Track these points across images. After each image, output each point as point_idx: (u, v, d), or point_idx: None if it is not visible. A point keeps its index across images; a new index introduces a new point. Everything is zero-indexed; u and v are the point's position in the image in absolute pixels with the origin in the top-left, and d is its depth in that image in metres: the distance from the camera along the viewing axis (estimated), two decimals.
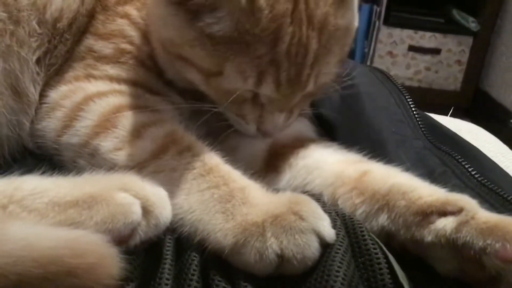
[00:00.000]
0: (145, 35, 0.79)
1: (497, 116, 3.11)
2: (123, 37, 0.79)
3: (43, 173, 0.60)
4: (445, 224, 0.59)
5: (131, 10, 0.81)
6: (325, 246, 0.56)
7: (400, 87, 0.98)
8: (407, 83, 3.41)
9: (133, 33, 0.79)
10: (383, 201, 0.64)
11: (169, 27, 0.70)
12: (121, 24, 0.79)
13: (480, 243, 0.55)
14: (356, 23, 0.76)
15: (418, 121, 0.91)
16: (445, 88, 3.43)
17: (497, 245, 0.54)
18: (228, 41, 0.65)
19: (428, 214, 0.60)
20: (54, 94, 0.76)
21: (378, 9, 3.18)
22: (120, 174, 0.61)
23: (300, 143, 0.79)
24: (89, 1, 0.81)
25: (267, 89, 0.69)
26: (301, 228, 0.55)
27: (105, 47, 0.78)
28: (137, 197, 0.56)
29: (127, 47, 0.78)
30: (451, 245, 0.57)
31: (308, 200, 0.59)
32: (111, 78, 0.76)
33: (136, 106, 0.71)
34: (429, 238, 0.59)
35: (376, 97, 0.95)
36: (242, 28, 0.64)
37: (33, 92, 0.76)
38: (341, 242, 0.57)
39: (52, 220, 0.53)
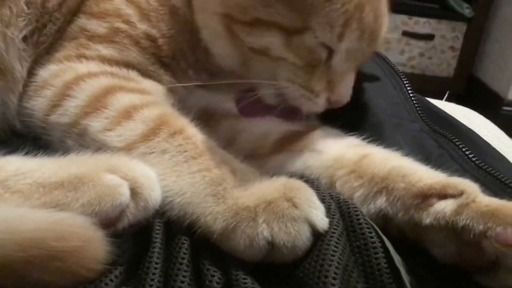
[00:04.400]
0: (143, 13, 0.77)
1: (490, 103, 3.11)
2: (118, 16, 0.77)
3: (27, 153, 0.58)
4: (445, 206, 0.57)
5: None
6: (317, 235, 0.54)
7: (397, 70, 0.97)
8: (401, 69, 3.37)
9: (129, 11, 0.77)
10: (382, 184, 0.63)
11: None
12: (117, 3, 0.77)
13: (481, 226, 0.54)
14: None
15: (414, 103, 0.90)
16: (439, 74, 3.43)
17: (498, 229, 0.53)
18: None
19: (427, 196, 0.59)
20: (44, 73, 0.74)
21: None
22: (108, 155, 0.59)
23: (306, 129, 0.78)
24: None
25: (351, 38, 0.70)
26: (293, 216, 0.53)
27: (98, 26, 0.76)
28: (126, 179, 0.54)
29: (122, 26, 0.76)
30: (450, 228, 0.56)
31: (303, 186, 0.57)
32: (103, 59, 0.74)
33: (128, 88, 0.70)
34: (427, 220, 0.58)
35: (373, 80, 0.94)
36: None
37: (19, 70, 0.74)
38: (336, 226, 0.56)
39: (37, 202, 0.51)
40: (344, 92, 0.74)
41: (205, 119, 0.71)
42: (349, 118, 0.81)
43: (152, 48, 0.76)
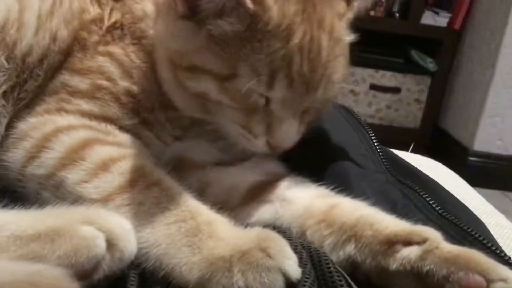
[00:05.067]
0: (126, 71, 0.80)
1: (456, 153, 3.19)
2: (101, 73, 0.79)
3: (4, 206, 0.58)
4: (410, 252, 0.61)
5: (114, 48, 0.81)
6: (290, 285, 0.56)
7: (363, 123, 1.01)
8: (369, 120, 3.48)
9: (112, 69, 0.79)
10: (351, 232, 0.66)
11: (178, 39, 0.73)
12: (101, 61, 0.80)
13: (444, 271, 0.58)
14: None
15: (380, 155, 0.93)
16: (405, 125, 3.52)
17: (461, 273, 0.57)
18: (239, 41, 0.69)
19: (394, 243, 0.62)
20: (23, 125, 0.75)
21: None
22: (84, 207, 0.60)
23: (274, 179, 0.80)
24: (63, 40, 0.81)
25: (280, 87, 0.70)
26: (268, 266, 0.55)
27: (81, 82, 0.78)
28: (102, 230, 0.55)
29: (104, 83, 0.78)
30: (415, 273, 0.59)
31: (277, 237, 0.59)
32: (83, 113, 0.76)
33: (106, 142, 0.71)
34: (394, 266, 0.61)
35: (340, 133, 0.97)
36: (254, 28, 0.68)
37: None
38: (307, 275, 0.58)
39: (14, 254, 0.51)
40: (283, 137, 0.75)
41: (177, 169, 0.73)
42: (317, 167, 0.84)
43: (131, 103, 0.78)
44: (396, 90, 3.45)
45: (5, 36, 0.76)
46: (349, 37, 0.78)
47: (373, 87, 3.44)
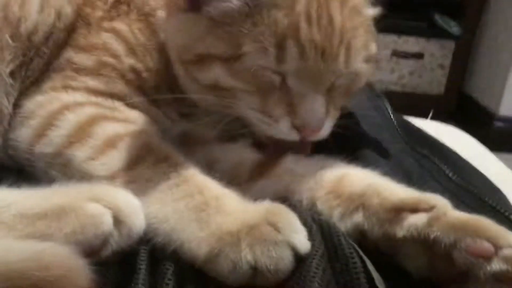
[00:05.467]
0: (131, 49, 0.79)
1: (481, 119, 3.14)
2: (106, 50, 0.78)
3: (11, 185, 0.59)
4: (417, 219, 0.60)
5: (119, 24, 0.80)
6: (299, 258, 0.56)
7: (377, 92, 0.99)
8: (392, 87, 3.43)
9: (117, 45, 0.79)
10: (359, 201, 0.65)
11: (183, 33, 0.73)
12: (106, 37, 0.79)
13: (451, 238, 0.57)
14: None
15: (395, 124, 0.92)
16: (429, 92, 3.46)
17: (468, 240, 0.56)
18: (239, 17, 0.67)
19: (400, 210, 0.61)
20: (29, 104, 0.75)
21: None
22: (91, 184, 0.61)
23: (282, 155, 0.78)
24: (67, 16, 0.81)
25: (290, 58, 0.67)
26: (275, 241, 0.55)
27: (86, 59, 0.78)
28: (109, 207, 0.56)
29: (109, 59, 0.78)
30: (422, 241, 0.59)
31: (285, 211, 0.59)
32: (89, 90, 0.76)
33: (113, 118, 0.71)
34: (401, 233, 0.60)
35: (354, 103, 0.95)
36: (253, 0, 0.67)
37: (6, 105, 0.75)
38: (317, 248, 0.57)
39: (21, 233, 0.52)
40: (308, 115, 0.70)
41: (184, 144, 0.73)
42: (330, 138, 0.83)
43: (137, 81, 0.78)
44: (419, 55, 3.38)
45: (8, 14, 0.75)
46: (371, 11, 0.76)
47: (395, 53, 3.36)
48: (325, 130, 0.74)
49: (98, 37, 0.79)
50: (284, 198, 0.70)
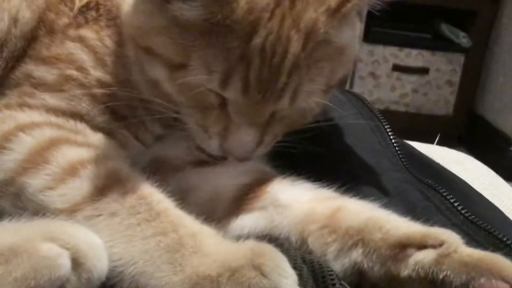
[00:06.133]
0: (100, 59, 0.80)
1: (495, 144, 3.18)
2: (70, 62, 0.79)
3: None
4: (424, 256, 0.61)
5: (87, 32, 0.82)
6: None
7: (376, 113, 1.01)
8: (393, 107, 3.49)
9: (84, 56, 0.80)
10: (358, 236, 0.66)
11: (140, 14, 0.75)
12: (72, 47, 0.80)
13: (463, 278, 0.58)
14: (356, 47, 0.80)
15: (397, 150, 0.93)
16: (436, 112, 3.52)
17: (482, 279, 0.57)
18: (197, 30, 0.69)
19: (406, 246, 0.63)
20: None
21: None
22: (46, 219, 0.61)
23: (263, 181, 0.80)
24: (25, 22, 0.82)
25: (234, 89, 0.70)
26: (262, 287, 0.55)
27: (47, 73, 0.79)
28: (66, 247, 0.55)
29: (74, 73, 0.79)
30: (430, 281, 0.60)
31: (272, 251, 0.59)
32: (49, 109, 0.76)
33: (75, 142, 0.72)
34: (405, 272, 0.61)
35: (349, 124, 0.97)
36: (214, 18, 0.68)
37: None
38: None
39: None
40: (236, 145, 0.75)
41: (157, 173, 0.74)
42: (320, 165, 0.84)
43: (105, 97, 0.79)
44: (423, 71, 3.46)
45: None
46: (347, 34, 0.76)
47: (397, 68, 3.45)
48: (254, 156, 0.78)
49: (62, 47, 0.80)
50: (270, 235, 0.71)
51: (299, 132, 0.80)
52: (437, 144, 1.39)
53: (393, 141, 0.95)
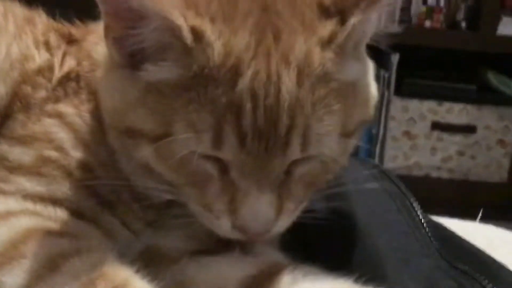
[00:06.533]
0: (81, 138, 0.84)
1: None
2: (48, 141, 0.83)
3: None
4: None
5: (65, 108, 0.86)
6: None
7: (402, 187, 1.04)
8: (434, 174, 3.49)
9: (63, 135, 0.84)
10: None
11: (115, 93, 0.79)
12: (49, 125, 0.84)
13: None
14: (372, 86, 0.85)
15: (427, 231, 0.96)
16: (486, 179, 3.52)
17: None
18: (174, 90, 0.73)
19: None
20: None
21: (386, 75, 3.26)
22: None
23: (272, 273, 0.82)
24: (0, 97, 0.87)
25: (229, 145, 0.72)
26: None
27: (23, 154, 0.83)
28: None
29: (53, 154, 0.83)
30: None
31: None
32: (26, 195, 0.80)
33: (55, 232, 0.75)
34: None
35: (370, 201, 1.00)
36: (189, 71, 0.72)
37: None
38: None
39: None
40: (249, 216, 0.75)
41: (149, 265, 0.77)
42: (338, 252, 0.87)
43: (88, 180, 0.83)
44: (469, 129, 3.48)
45: None
46: (357, 68, 0.81)
47: (437, 126, 3.48)
48: (278, 229, 0.79)
49: (39, 125, 0.85)
50: None
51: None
52: (482, 219, 1.40)
53: (422, 220, 0.98)
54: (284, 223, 0.79)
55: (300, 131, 0.73)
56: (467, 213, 1.41)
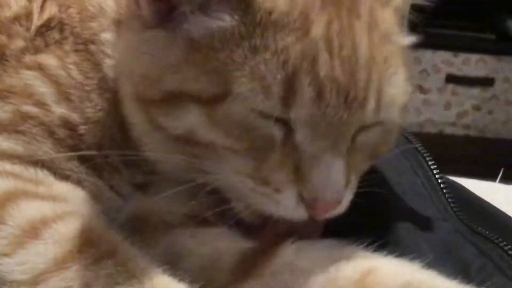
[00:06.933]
0: (64, 92, 0.83)
1: None
2: (27, 96, 0.82)
3: None
4: None
5: (48, 59, 0.84)
6: None
7: (418, 145, 1.03)
8: (448, 130, 3.48)
9: (44, 89, 0.82)
10: None
11: (145, 58, 0.76)
12: (28, 77, 0.83)
13: None
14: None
15: (444, 193, 0.96)
16: (505, 136, 3.53)
17: None
18: (232, 42, 0.71)
19: None
20: None
21: None
22: None
23: (274, 245, 0.80)
24: None
25: (303, 99, 0.69)
26: None
27: None
28: None
29: (32, 110, 0.81)
30: None
31: None
32: (3, 155, 0.79)
33: (36, 195, 0.74)
34: None
35: (384, 162, 0.98)
36: (252, 19, 0.71)
37: None
38: None
39: None
40: (323, 185, 0.72)
41: (139, 231, 0.77)
42: (348, 218, 0.86)
43: (70, 138, 0.82)
44: (487, 81, 3.48)
45: None
46: (405, 39, 0.81)
47: (452, 78, 3.47)
48: (343, 206, 0.77)
49: (17, 78, 0.83)
50: None
51: None
52: (502, 180, 1.40)
53: (439, 181, 0.98)
54: (347, 199, 0.77)
55: (376, 86, 0.72)
56: (486, 173, 1.41)
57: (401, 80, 0.76)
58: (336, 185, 0.73)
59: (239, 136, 0.73)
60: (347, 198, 0.77)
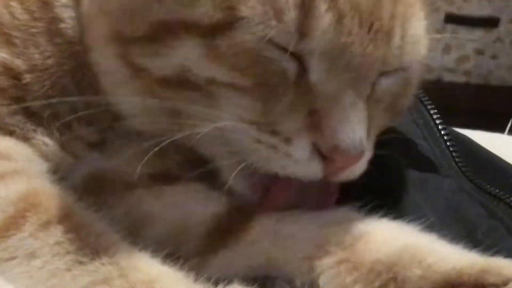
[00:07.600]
0: (5, 34, 0.81)
1: None
2: None
3: None
4: None
5: None
6: None
7: (419, 94, 1.02)
8: (447, 77, 3.50)
9: None
10: (389, 274, 0.67)
11: None
12: None
13: None
14: None
15: (448, 145, 0.95)
16: (510, 83, 3.53)
17: None
18: None
19: (457, 286, 0.64)
20: None
21: None
22: None
23: (248, 213, 0.79)
24: None
25: (322, 26, 0.68)
26: None
27: None
28: None
29: None
30: None
31: None
32: None
33: None
34: None
35: None
36: None
37: None
38: None
39: None
40: (343, 129, 0.70)
41: (94, 193, 0.76)
42: None
43: (14, 89, 0.80)
44: (491, 22, 3.48)
45: None
46: None
47: (451, 18, 3.45)
48: (363, 163, 0.76)
49: None
50: (265, 276, 0.73)
51: None
52: (510, 132, 1.40)
53: (442, 132, 0.97)
54: (367, 157, 0.76)
55: (401, 21, 0.72)
56: (489, 125, 1.41)
57: (423, 26, 0.76)
58: (358, 132, 0.71)
59: (245, 70, 0.70)
60: (367, 155, 0.75)
